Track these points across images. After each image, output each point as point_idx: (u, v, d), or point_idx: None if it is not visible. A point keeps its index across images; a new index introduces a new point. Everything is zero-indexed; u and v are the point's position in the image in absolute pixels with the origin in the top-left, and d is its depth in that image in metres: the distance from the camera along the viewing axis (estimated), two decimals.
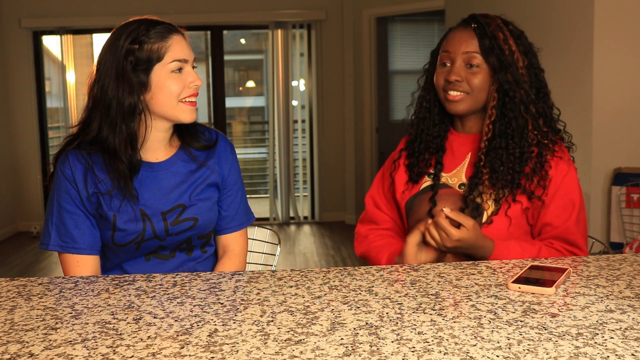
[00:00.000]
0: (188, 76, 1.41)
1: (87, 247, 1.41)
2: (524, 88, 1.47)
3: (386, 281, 1.13)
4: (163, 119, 1.43)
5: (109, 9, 6.06)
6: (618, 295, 1.03)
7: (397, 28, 6.42)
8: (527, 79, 1.49)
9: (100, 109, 1.38)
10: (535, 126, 1.47)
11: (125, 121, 1.37)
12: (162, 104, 1.39)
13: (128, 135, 1.38)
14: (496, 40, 1.47)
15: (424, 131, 1.59)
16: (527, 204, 1.46)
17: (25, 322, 0.95)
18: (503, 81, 1.47)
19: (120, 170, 1.38)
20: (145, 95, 1.39)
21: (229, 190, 1.54)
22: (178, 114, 1.41)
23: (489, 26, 1.49)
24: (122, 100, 1.36)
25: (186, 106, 1.42)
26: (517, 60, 1.48)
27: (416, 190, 1.57)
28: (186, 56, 1.41)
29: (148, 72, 1.37)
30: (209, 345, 0.84)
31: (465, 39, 1.50)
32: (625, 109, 2.93)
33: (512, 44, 1.48)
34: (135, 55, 1.36)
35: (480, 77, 1.49)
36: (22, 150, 6.22)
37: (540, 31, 3.26)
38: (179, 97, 1.40)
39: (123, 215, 1.40)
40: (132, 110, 1.37)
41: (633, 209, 2.91)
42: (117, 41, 1.37)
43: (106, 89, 1.37)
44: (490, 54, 1.47)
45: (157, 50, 1.37)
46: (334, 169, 6.48)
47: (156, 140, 1.45)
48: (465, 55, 1.49)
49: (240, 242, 1.57)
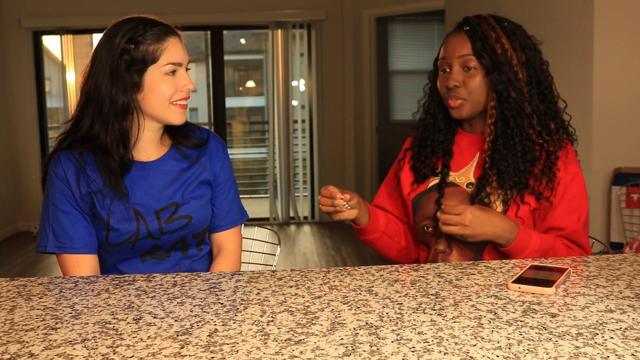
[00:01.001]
0: (181, 79, 1.42)
1: (85, 246, 1.41)
2: (518, 87, 1.45)
3: (386, 281, 1.13)
4: (154, 120, 1.43)
5: (109, 9, 6.06)
6: (618, 295, 1.03)
7: (397, 28, 6.42)
8: (524, 75, 1.47)
9: (93, 105, 1.39)
10: (530, 124, 1.46)
11: (118, 119, 1.38)
12: (153, 105, 1.40)
13: (120, 133, 1.39)
14: (488, 40, 1.47)
15: (429, 137, 1.60)
16: (535, 204, 1.46)
17: (25, 322, 0.95)
18: (497, 81, 1.46)
19: (112, 167, 1.39)
20: (137, 95, 1.39)
21: (222, 187, 1.55)
22: (168, 116, 1.42)
23: (480, 27, 1.48)
24: (116, 98, 1.36)
25: (177, 109, 1.42)
26: (511, 57, 1.46)
27: (423, 189, 1.57)
28: (181, 59, 1.41)
29: (142, 73, 1.38)
30: (209, 345, 0.84)
31: (459, 43, 1.50)
32: (625, 109, 2.93)
33: (505, 42, 1.47)
34: (130, 55, 1.36)
35: (477, 79, 1.48)
36: (22, 150, 6.22)
37: (540, 31, 3.26)
38: (171, 99, 1.40)
39: (116, 214, 1.40)
40: (125, 109, 1.38)
41: (633, 209, 2.91)
42: (114, 39, 1.37)
43: (100, 86, 1.37)
44: (483, 54, 1.47)
45: (152, 52, 1.37)
46: (334, 169, 6.48)
47: (147, 140, 1.46)
48: (460, 59, 1.49)
49: (234, 240, 1.58)
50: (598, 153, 2.95)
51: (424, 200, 1.55)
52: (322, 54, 6.35)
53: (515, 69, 1.46)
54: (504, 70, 1.46)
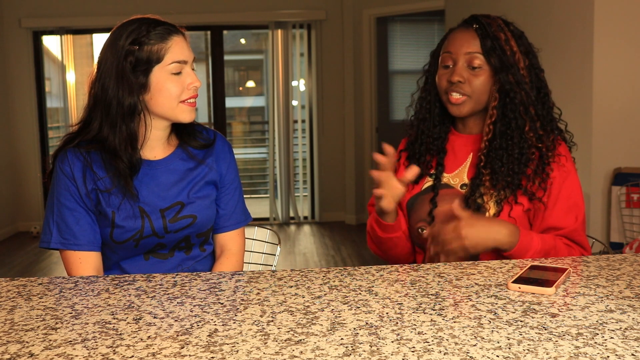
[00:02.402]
0: (187, 78, 1.42)
1: (88, 243, 1.42)
2: (525, 89, 1.46)
3: (386, 281, 1.13)
4: (162, 119, 1.44)
5: (109, 9, 6.06)
6: (618, 295, 1.03)
7: (397, 28, 6.42)
8: (528, 79, 1.48)
9: (101, 109, 1.39)
10: (532, 128, 1.46)
11: (125, 121, 1.38)
12: (161, 104, 1.40)
13: (128, 135, 1.39)
14: (498, 41, 1.47)
15: (424, 132, 1.59)
16: (529, 205, 1.46)
17: (25, 322, 0.95)
18: (504, 82, 1.46)
19: (121, 169, 1.39)
20: (144, 96, 1.39)
21: (227, 188, 1.55)
22: (178, 115, 1.42)
23: (490, 27, 1.48)
24: (122, 100, 1.37)
25: (186, 107, 1.42)
26: (519, 60, 1.47)
27: (417, 190, 1.57)
28: (186, 57, 1.41)
29: (147, 74, 1.38)
30: (209, 345, 0.84)
31: (467, 40, 1.49)
32: (625, 109, 2.93)
33: (514, 45, 1.48)
34: (135, 56, 1.36)
35: (482, 78, 1.48)
36: (22, 150, 6.22)
37: (540, 31, 3.26)
38: (179, 98, 1.41)
39: (122, 212, 1.41)
40: (132, 110, 1.38)
41: (633, 209, 2.91)
42: (118, 41, 1.38)
43: (106, 89, 1.38)
44: (492, 54, 1.47)
45: (156, 52, 1.37)
46: (334, 169, 6.48)
47: (155, 139, 1.46)
48: (467, 56, 1.49)
49: (237, 242, 1.58)
50: (598, 153, 2.95)
51: (419, 202, 1.55)
52: (322, 54, 6.35)
53: (522, 72, 1.47)
54: (512, 72, 1.46)
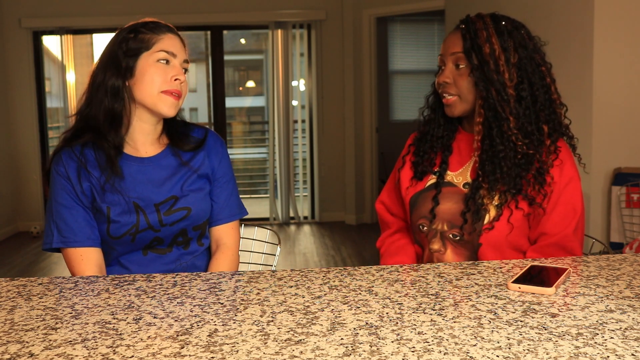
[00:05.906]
0: (172, 70, 1.45)
1: (88, 239, 1.44)
2: (498, 87, 1.43)
3: (386, 281, 1.13)
4: (145, 109, 1.46)
5: (109, 9, 6.06)
6: (618, 295, 1.03)
7: (397, 28, 6.42)
8: (512, 76, 1.44)
9: (90, 89, 1.46)
10: (508, 127, 1.43)
11: (109, 99, 1.43)
12: (142, 90, 1.44)
13: (110, 111, 1.43)
14: (477, 39, 1.46)
15: (429, 132, 1.61)
16: (529, 209, 1.45)
17: (25, 322, 0.95)
18: (478, 80, 1.45)
19: (105, 148, 1.43)
20: (130, 81, 1.44)
21: (219, 181, 1.57)
22: (157, 104, 1.44)
23: (474, 25, 1.48)
24: (107, 81, 1.43)
25: (167, 97, 1.44)
26: (499, 57, 1.44)
27: (421, 187, 1.57)
28: (175, 51, 1.45)
29: (135, 59, 1.43)
30: (209, 345, 0.84)
31: (453, 41, 1.50)
32: (625, 109, 2.93)
33: (495, 42, 1.45)
34: (128, 43, 1.43)
35: (466, 78, 1.48)
36: (22, 150, 6.22)
37: (540, 31, 3.25)
38: (160, 88, 1.44)
39: (116, 207, 1.43)
40: (115, 91, 1.43)
41: (633, 209, 2.91)
42: (118, 36, 1.46)
43: (97, 73, 1.45)
44: (472, 53, 1.46)
45: (147, 40, 1.44)
46: (334, 169, 6.48)
47: (142, 133, 1.49)
48: (453, 57, 1.50)
49: (232, 235, 1.59)
50: (598, 153, 2.95)
51: (421, 199, 1.55)
52: (322, 54, 6.35)
53: (501, 69, 1.44)
54: (486, 70, 1.44)
